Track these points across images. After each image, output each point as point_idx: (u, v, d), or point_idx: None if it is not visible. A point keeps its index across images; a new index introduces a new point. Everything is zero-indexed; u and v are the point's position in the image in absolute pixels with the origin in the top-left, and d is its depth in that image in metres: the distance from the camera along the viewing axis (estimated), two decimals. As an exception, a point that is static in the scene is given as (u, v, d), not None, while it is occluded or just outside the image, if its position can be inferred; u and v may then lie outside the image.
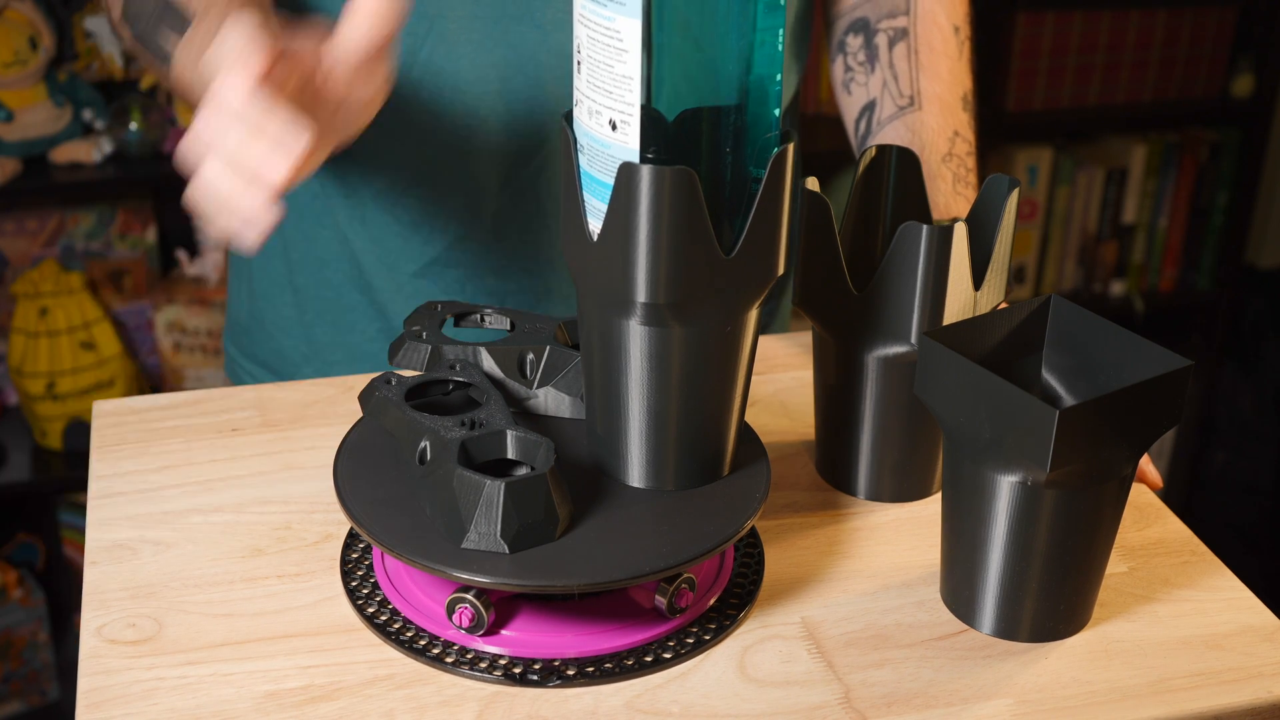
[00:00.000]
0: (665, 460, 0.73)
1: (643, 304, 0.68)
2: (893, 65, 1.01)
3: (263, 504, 0.82)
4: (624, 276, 0.68)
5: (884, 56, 1.00)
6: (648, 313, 0.68)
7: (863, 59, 1.02)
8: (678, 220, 0.66)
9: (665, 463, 0.73)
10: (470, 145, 0.97)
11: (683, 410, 0.71)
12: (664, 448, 0.72)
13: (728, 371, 0.72)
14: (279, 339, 1.09)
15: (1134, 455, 0.70)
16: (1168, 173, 2.47)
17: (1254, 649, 0.74)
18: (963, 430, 0.70)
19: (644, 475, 0.74)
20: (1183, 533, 0.83)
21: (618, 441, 0.73)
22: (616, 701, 0.68)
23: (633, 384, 0.71)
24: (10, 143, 1.93)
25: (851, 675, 0.71)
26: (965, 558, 0.73)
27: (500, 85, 0.95)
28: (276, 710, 0.67)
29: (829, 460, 0.86)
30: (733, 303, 0.70)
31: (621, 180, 0.66)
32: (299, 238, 1.04)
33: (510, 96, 0.96)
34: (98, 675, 0.69)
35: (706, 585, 0.75)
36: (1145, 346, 0.71)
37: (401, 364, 0.80)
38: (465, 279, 1.02)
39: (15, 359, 2.01)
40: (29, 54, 1.94)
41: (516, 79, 0.95)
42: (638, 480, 0.74)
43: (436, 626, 0.71)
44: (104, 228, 2.07)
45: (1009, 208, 0.80)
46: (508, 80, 0.95)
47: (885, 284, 0.77)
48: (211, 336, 2.08)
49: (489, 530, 0.67)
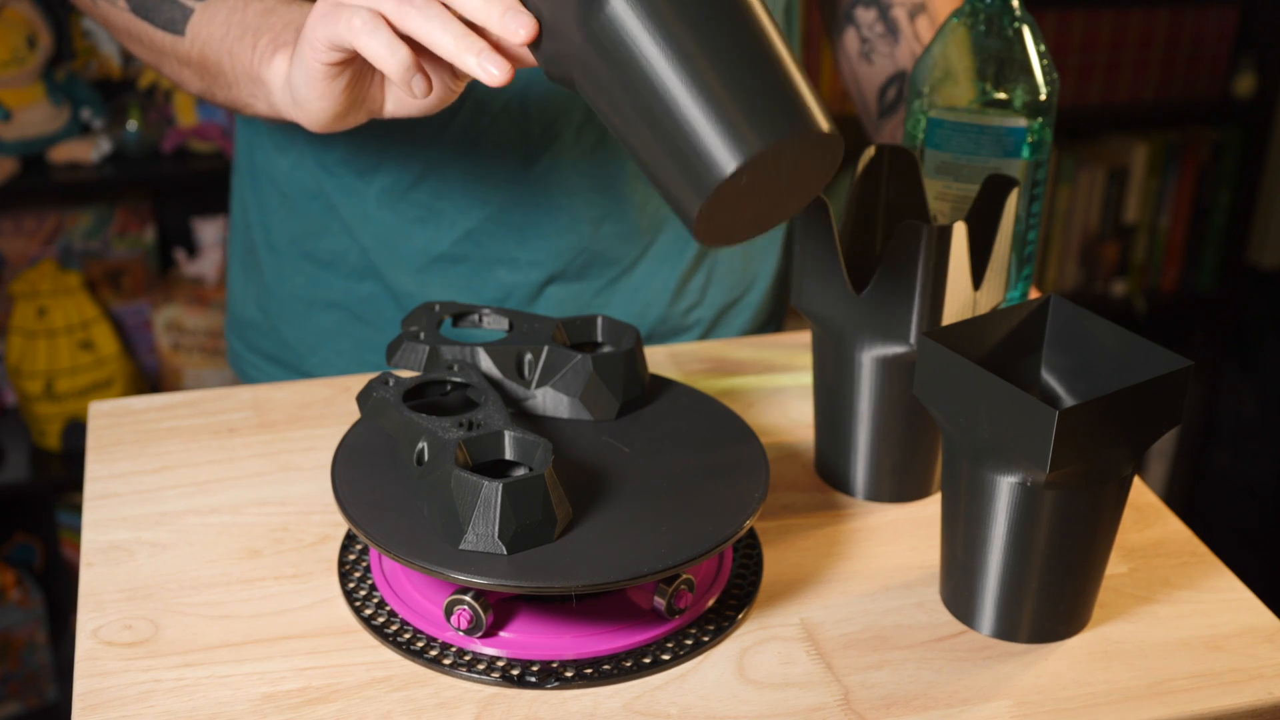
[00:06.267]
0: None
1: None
2: (919, 37, 1.03)
3: (260, 505, 0.82)
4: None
5: (906, 29, 1.02)
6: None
7: (881, 31, 1.03)
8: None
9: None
10: (480, 141, 0.97)
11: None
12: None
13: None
14: (284, 330, 1.09)
15: (1134, 456, 0.70)
16: (1169, 172, 2.47)
17: (1255, 650, 0.73)
18: (962, 431, 0.70)
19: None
20: (1183, 533, 0.83)
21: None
22: (615, 703, 0.68)
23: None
24: (8, 142, 1.92)
25: (850, 677, 0.70)
26: (965, 559, 0.73)
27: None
28: (274, 712, 0.67)
29: (828, 461, 0.85)
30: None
31: None
32: (310, 228, 1.04)
33: (522, 90, 0.96)
34: (94, 677, 0.69)
35: (705, 586, 0.75)
36: (1145, 346, 0.71)
37: (399, 364, 0.80)
38: (472, 273, 1.02)
39: (13, 359, 2.01)
40: (27, 53, 1.93)
41: (525, 73, 0.95)
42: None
43: (434, 628, 0.71)
44: (102, 227, 2.07)
45: (1009, 207, 0.79)
46: (519, 75, 0.95)
47: (884, 284, 0.77)
48: (210, 336, 2.08)
49: (487, 531, 0.67)
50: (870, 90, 1.05)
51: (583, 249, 1.02)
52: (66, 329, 1.99)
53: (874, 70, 1.05)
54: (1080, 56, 2.34)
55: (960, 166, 0.88)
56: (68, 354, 2.00)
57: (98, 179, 1.94)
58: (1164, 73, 2.40)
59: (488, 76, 0.68)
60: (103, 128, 1.99)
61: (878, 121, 1.05)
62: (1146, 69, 2.39)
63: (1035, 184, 0.88)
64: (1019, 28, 0.86)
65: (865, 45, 1.05)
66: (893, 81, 1.03)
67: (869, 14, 1.05)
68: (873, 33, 1.04)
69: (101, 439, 0.88)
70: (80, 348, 2.01)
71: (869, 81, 1.05)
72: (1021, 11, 0.86)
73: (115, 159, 1.98)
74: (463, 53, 0.68)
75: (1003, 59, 0.86)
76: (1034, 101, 0.86)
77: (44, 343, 1.99)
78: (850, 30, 1.06)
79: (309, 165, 1.02)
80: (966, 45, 0.86)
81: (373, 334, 1.06)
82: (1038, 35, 0.87)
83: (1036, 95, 0.86)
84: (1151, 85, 2.41)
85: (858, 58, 1.06)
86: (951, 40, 0.87)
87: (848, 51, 1.07)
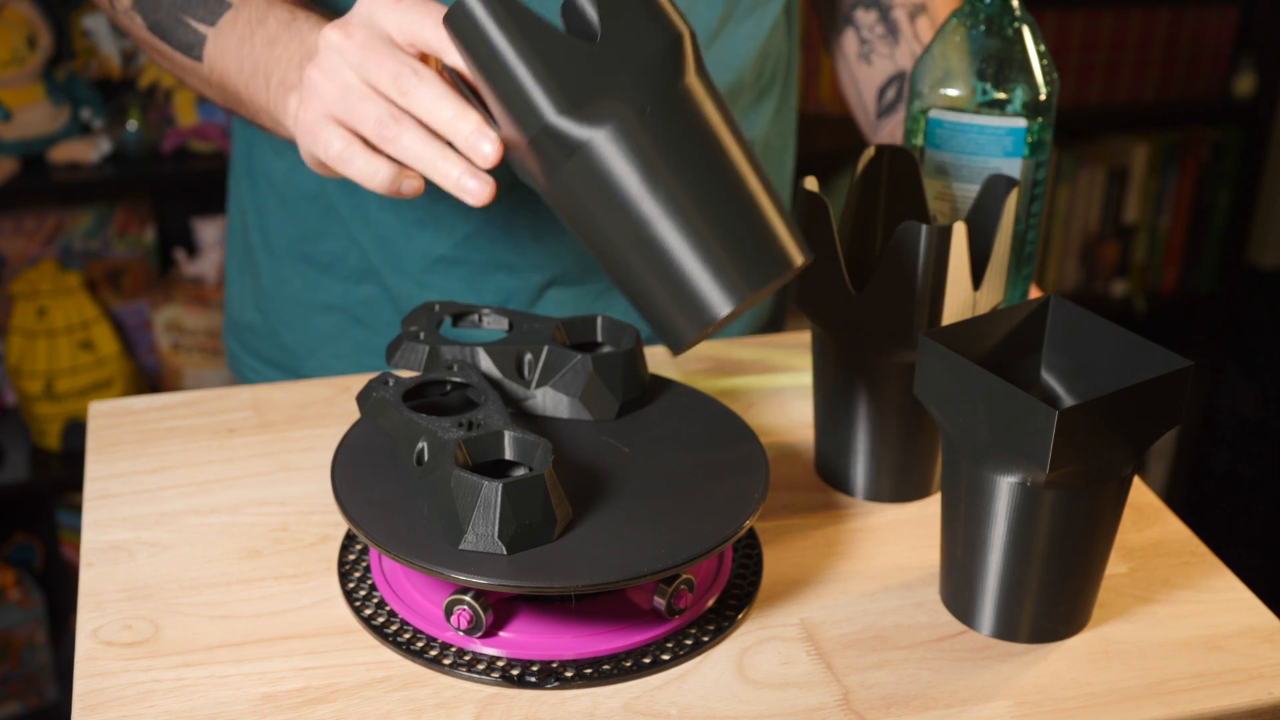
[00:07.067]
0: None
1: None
2: (918, 37, 1.04)
3: (260, 505, 0.82)
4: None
5: (907, 30, 1.03)
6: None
7: (881, 32, 1.04)
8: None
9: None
10: None
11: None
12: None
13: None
14: (283, 333, 1.09)
15: (1134, 456, 0.70)
16: (1169, 172, 2.47)
17: (1255, 650, 0.73)
18: (962, 431, 0.70)
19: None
20: (1183, 533, 0.83)
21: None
22: (614, 703, 0.68)
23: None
24: (8, 142, 1.92)
25: (850, 677, 0.70)
26: (964, 559, 0.73)
27: None
28: (273, 712, 0.67)
29: (828, 461, 0.85)
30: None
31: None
32: (308, 231, 1.04)
33: None
34: (94, 677, 0.69)
35: (705, 586, 0.75)
36: (1145, 347, 0.71)
37: (399, 364, 0.80)
38: (472, 276, 1.02)
39: (13, 359, 2.01)
40: (27, 53, 1.93)
41: None
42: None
43: (434, 628, 0.71)
44: (102, 227, 2.07)
45: (1008, 207, 0.79)
46: None
47: (884, 284, 0.77)
48: (210, 336, 2.08)
49: (487, 531, 0.67)
50: (869, 91, 1.05)
51: (581, 253, 1.01)
52: (66, 329, 1.99)
53: (873, 71, 1.05)
54: (1080, 56, 2.34)
55: (960, 166, 0.88)
56: (68, 354, 2.00)
57: (98, 179, 1.94)
58: (1164, 73, 2.40)
59: (468, 197, 0.69)
60: (103, 128, 1.99)
61: (876, 122, 1.05)
62: (1146, 69, 2.39)
63: (1035, 184, 0.88)
64: (1019, 28, 0.86)
65: (865, 46, 1.05)
66: (892, 82, 1.04)
67: (869, 15, 1.05)
68: (873, 34, 1.05)
69: (101, 439, 0.88)
70: (80, 348, 2.01)
71: (868, 82, 1.05)
72: (1021, 11, 0.86)
73: (115, 159, 1.98)
74: (443, 175, 0.70)
75: (1003, 59, 0.86)
76: (1034, 101, 0.86)
77: (44, 343, 1.99)
78: (849, 32, 1.07)
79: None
80: (966, 45, 0.86)
81: (371, 337, 1.06)
82: (1038, 35, 0.86)
83: (1036, 95, 0.86)
84: (1151, 85, 2.41)
85: (856, 59, 1.06)
86: (951, 40, 0.87)
87: (846, 53, 1.08)
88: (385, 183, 0.72)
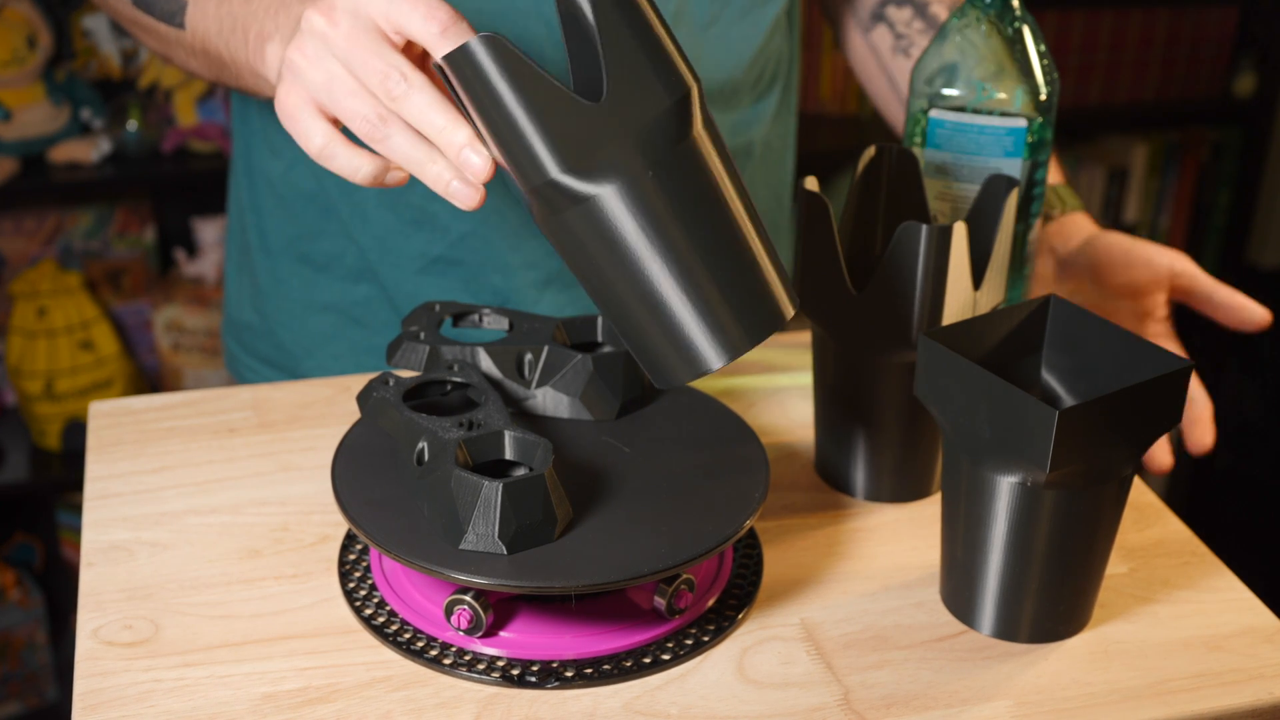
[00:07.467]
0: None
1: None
2: None
3: (260, 505, 0.82)
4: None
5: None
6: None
7: (921, 27, 1.04)
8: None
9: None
10: None
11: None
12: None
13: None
14: (280, 333, 1.09)
15: (1134, 456, 0.70)
16: (1169, 172, 2.47)
17: (1255, 650, 0.73)
18: (962, 431, 0.70)
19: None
20: (1183, 533, 0.83)
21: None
22: (615, 703, 0.68)
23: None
24: (8, 142, 1.92)
25: (850, 676, 0.70)
26: (965, 559, 0.73)
27: None
28: (274, 712, 0.67)
29: (828, 461, 0.85)
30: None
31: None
32: (306, 230, 1.04)
33: None
34: (94, 677, 0.69)
35: (705, 586, 0.75)
36: (1145, 346, 0.71)
37: (399, 364, 0.80)
38: (469, 276, 1.02)
39: (13, 359, 2.01)
40: (26, 53, 1.93)
41: None
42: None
43: (434, 628, 0.71)
44: (102, 227, 2.07)
45: (1008, 207, 0.79)
46: None
47: (884, 284, 0.77)
48: (210, 336, 2.08)
49: (487, 531, 0.67)
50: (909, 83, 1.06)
51: None
52: (66, 329, 1.99)
53: (912, 62, 1.05)
54: (1080, 56, 2.34)
55: (960, 166, 0.88)
56: (68, 354, 2.00)
57: (98, 179, 1.94)
58: (1164, 73, 2.40)
59: (458, 201, 0.68)
60: (103, 128, 1.99)
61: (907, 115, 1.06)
62: (1146, 69, 2.39)
63: (1035, 184, 0.88)
64: (1019, 28, 0.86)
65: (902, 40, 1.05)
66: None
67: (903, 12, 1.04)
68: (910, 29, 1.04)
69: (101, 439, 0.88)
70: (80, 348, 2.01)
71: (904, 74, 1.05)
72: (1021, 11, 0.86)
73: (115, 159, 1.98)
74: (433, 178, 0.68)
75: (1003, 59, 0.86)
76: (1034, 101, 0.86)
77: (44, 343, 1.99)
78: (880, 28, 1.06)
79: (307, 165, 1.02)
80: (966, 45, 0.86)
81: (369, 337, 1.06)
82: (1038, 35, 0.86)
83: (1036, 95, 0.86)
84: (1151, 85, 2.41)
85: (891, 53, 1.06)
86: (952, 40, 0.87)
87: (878, 49, 1.07)
88: (369, 178, 0.71)
